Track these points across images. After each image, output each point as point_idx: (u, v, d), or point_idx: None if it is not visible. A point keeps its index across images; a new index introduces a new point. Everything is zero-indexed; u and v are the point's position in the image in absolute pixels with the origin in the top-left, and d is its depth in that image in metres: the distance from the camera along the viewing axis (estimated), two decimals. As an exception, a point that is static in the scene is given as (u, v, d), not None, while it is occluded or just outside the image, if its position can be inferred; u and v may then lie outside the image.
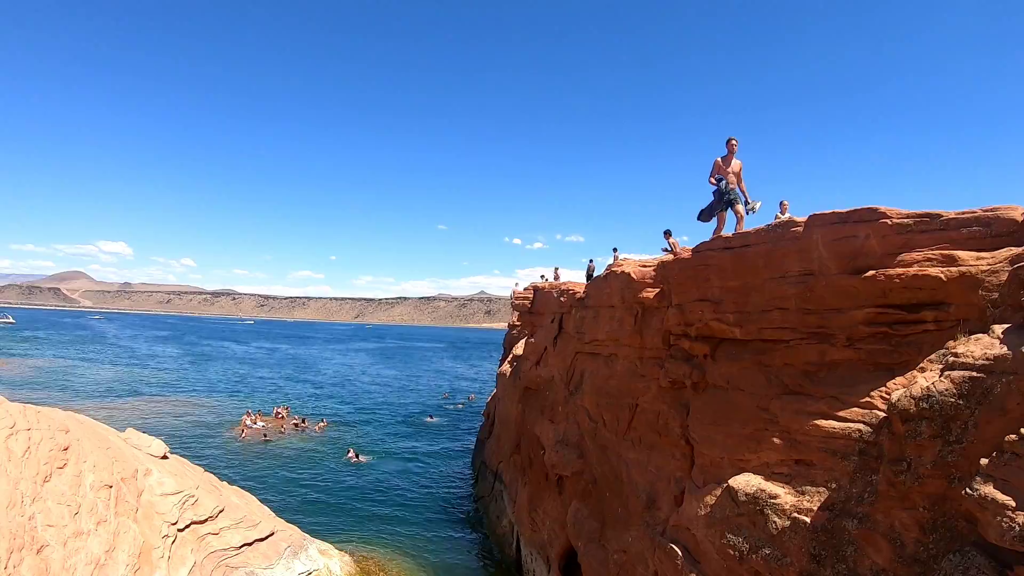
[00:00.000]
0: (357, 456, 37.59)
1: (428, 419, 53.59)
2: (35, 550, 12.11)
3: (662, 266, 12.74)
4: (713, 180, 12.03)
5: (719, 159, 11.96)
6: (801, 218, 8.92)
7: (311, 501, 29.29)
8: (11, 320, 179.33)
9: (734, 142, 11.89)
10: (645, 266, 13.94)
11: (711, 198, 12.09)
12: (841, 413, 7.99)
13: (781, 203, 13.22)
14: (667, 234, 15.00)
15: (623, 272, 14.49)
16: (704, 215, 12.44)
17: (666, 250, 14.72)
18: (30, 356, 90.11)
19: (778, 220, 11.34)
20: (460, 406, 62.61)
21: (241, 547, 17.60)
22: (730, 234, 10.33)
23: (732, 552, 8.84)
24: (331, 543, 21.33)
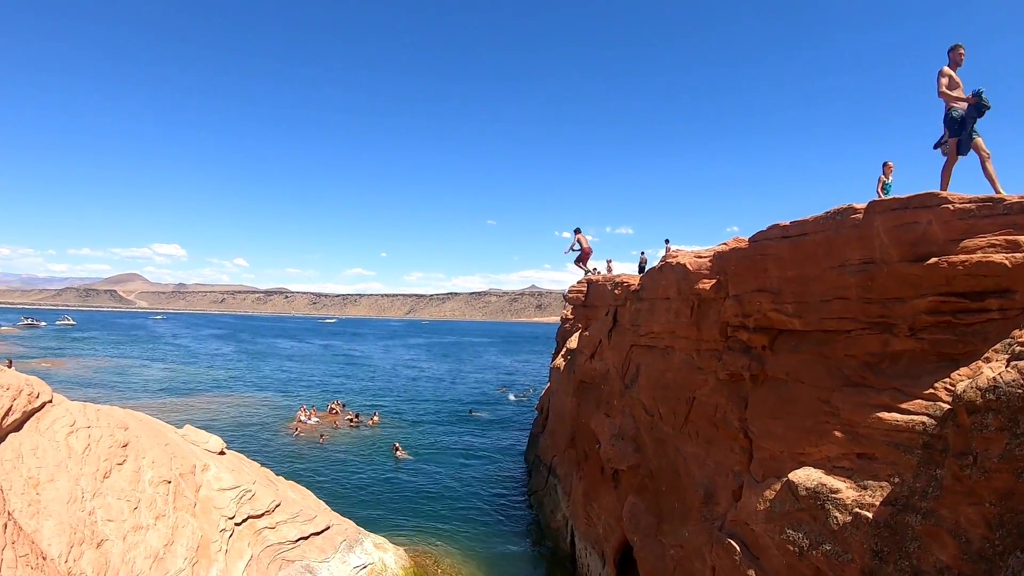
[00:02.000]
0: (402, 451, 38.60)
1: (481, 414, 54.36)
2: (95, 544, 12.80)
3: (719, 256, 12.80)
4: (952, 94, 9.89)
5: (947, 68, 9.95)
6: (861, 204, 8.89)
7: (364, 495, 30.29)
8: (71, 322, 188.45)
9: (961, 51, 10.10)
10: (700, 257, 13.99)
11: None
12: (904, 405, 8.00)
13: (885, 164, 12.68)
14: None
15: (679, 263, 14.57)
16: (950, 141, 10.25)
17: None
18: (88, 356, 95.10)
19: (883, 181, 11.04)
20: (515, 400, 63.19)
21: (297, 541, 18.37)
22: (787, 223, 10.32)
23: (792, 548, 8.94)
24: (385, 537, 22.07)
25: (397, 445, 39.15)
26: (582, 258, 19.14)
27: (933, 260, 7.93)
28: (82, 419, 15.67)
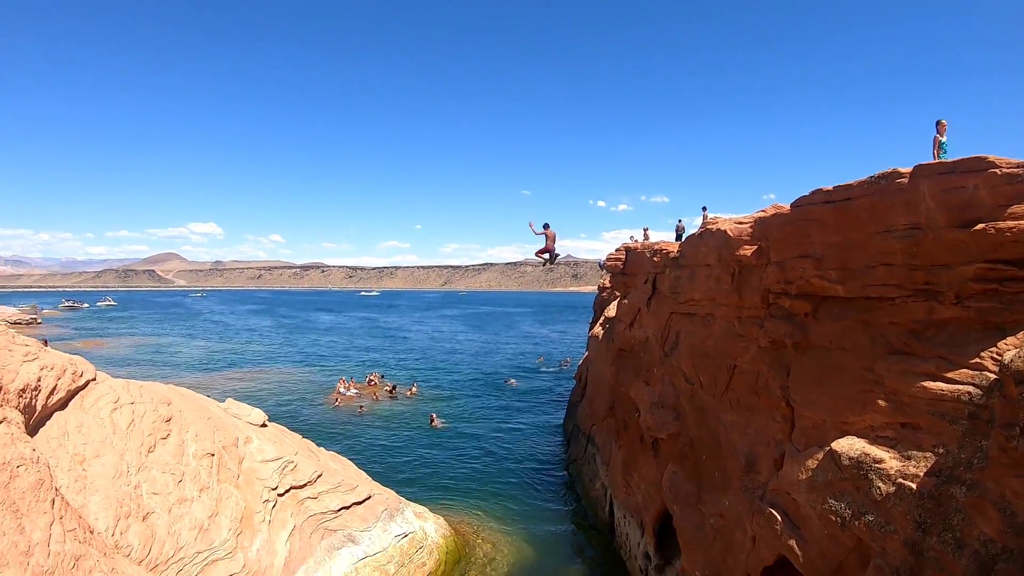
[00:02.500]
0: (438, 421, 39.34)
1: (518, 383, 54.92)
2: (141, 517, 13.27)
3: (760, 222, 12.69)
4: None
5: None
6: (906, 168, 8.72)
7: (403, 466, 31.11)
8: (112, 302, 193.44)
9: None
10: (741, 223, 13.86)
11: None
12: (950, 374, 7.94)
13: (938, 123, 12.25)
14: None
15: (719, 229, 14.45)
16: None
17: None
18: (129, 335, 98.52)
19: (938, 140, 10.75)
20: (553, 370, 63.59)
21: (339, 510, 18.92)
22: (831, 187, 10.17)
23: (834, 518, 9.00)
24: (425, 507, 22.65)
25: (434, 416, 39.90)
26: (546, 250, 19.47)
27: (980, 226, 7.79)
28: (126, 395, 16.23)
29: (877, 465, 8.47)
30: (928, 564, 7.43)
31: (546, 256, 19.43)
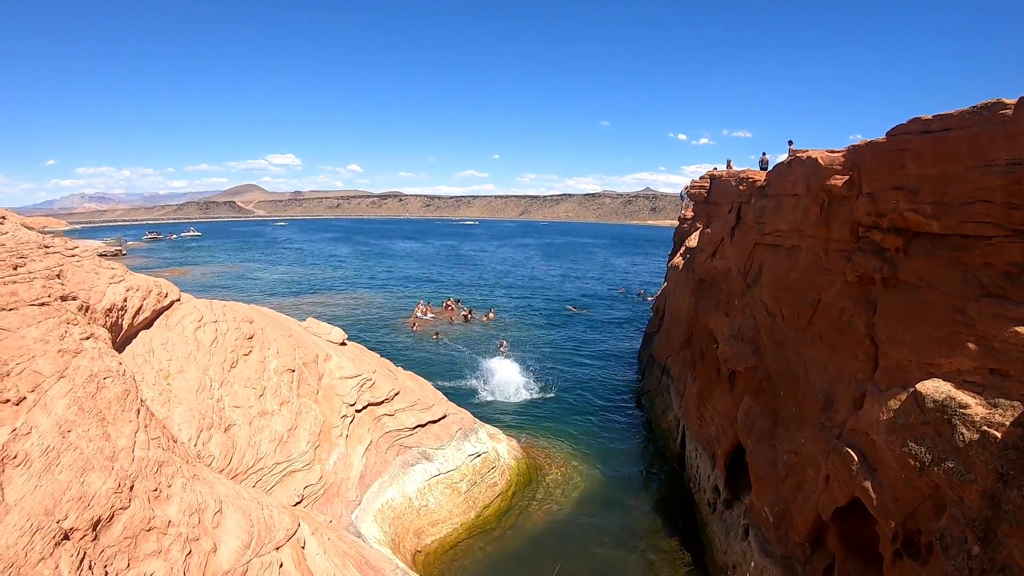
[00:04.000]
0: (505, 347, 40.41)
1: (594, 313, 55.34)
2: (223, 429, 14.31)
3: (853, 151, 12.22)
4: None
5: None
6: (1010, 99, 8.21)
7: (478, 388, 32.29)
8: (197, 232, 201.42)
9: None
10: (833, 152, 13.41)
11: None
12: (1045, 321, 7.64)
13: None
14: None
15: (809, 157, 14.00)
16: None
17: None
18: (213, 263, 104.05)
19: None
20: (630, 300, 63.60)
21: (415, 428, 19.86)
22: (929, 116, 9.68)
23: (913, 462, 8.94)
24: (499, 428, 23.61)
25: (504, 343, 40.90)
26: None
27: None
28: (209, 314, 17.36)
29: (962, 410, 8.32)
30: (1005, 518, 7.35)
31: None
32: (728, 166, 27.72)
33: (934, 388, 8.95)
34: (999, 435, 7.72)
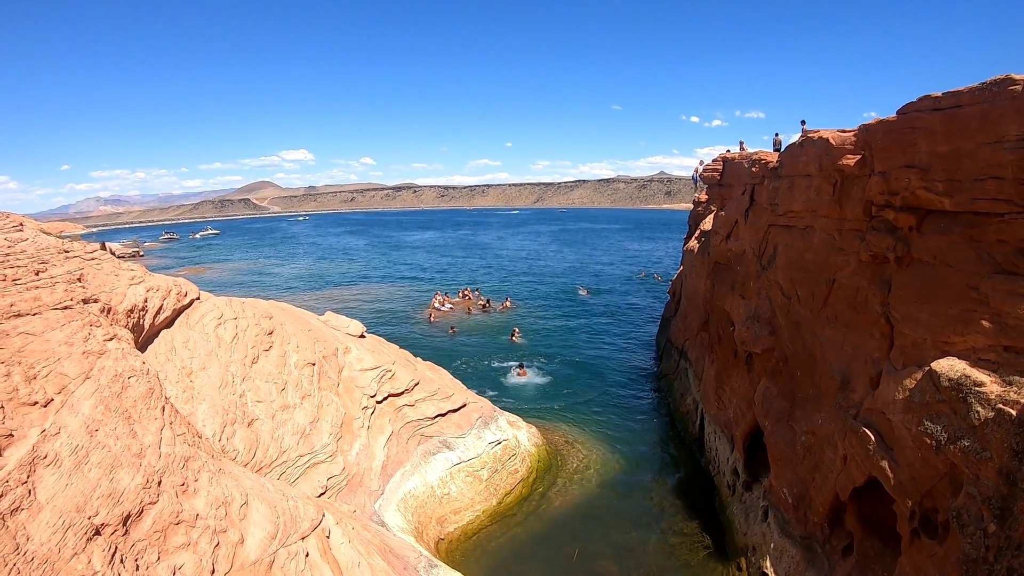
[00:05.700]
0: (517, 336, 40.47)
1: (611, 298, 55.32)
2: (246, 423, 14.55)
3: (864, 130, 12.15)
4: None
5: None
6: (1020, 75, 8.13)
7: (496, 377, 32.49)
8: (214, 231, 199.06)
9: None
10: (844, 132, 13.33)
11: None
12: (1059, 297, 7.61)
13: None
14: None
15: (821, 137, 13.93)
16: None
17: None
18: (229, 260, 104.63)
19: None
20: (646, 284, 63.52)
21: (435, 417, 20.05)
22: (939, 93, 9.61)
23: (929, 441, 8.95)
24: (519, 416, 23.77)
25: (516, 330, 41.09)
26: None
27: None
28: (228, 311, 17.62)
29: (977, 388, 8.32)
30: (1021, 495, 7.37)
31: None
32: (741, 147, 27.56)
33: (949, 366, 8.95)
34: (1014, 413, 7.71)
